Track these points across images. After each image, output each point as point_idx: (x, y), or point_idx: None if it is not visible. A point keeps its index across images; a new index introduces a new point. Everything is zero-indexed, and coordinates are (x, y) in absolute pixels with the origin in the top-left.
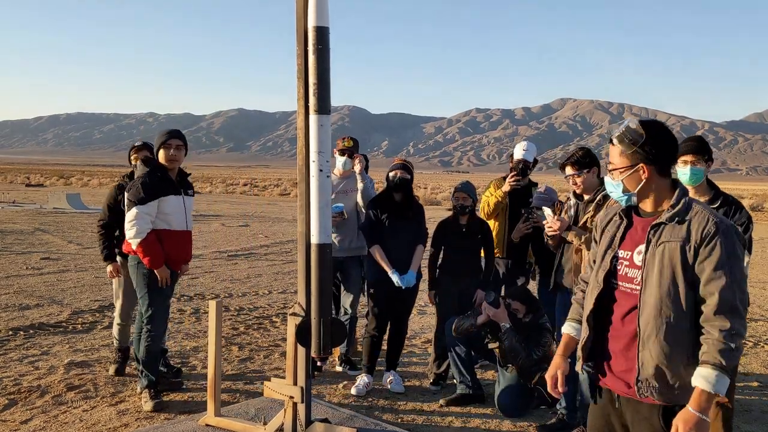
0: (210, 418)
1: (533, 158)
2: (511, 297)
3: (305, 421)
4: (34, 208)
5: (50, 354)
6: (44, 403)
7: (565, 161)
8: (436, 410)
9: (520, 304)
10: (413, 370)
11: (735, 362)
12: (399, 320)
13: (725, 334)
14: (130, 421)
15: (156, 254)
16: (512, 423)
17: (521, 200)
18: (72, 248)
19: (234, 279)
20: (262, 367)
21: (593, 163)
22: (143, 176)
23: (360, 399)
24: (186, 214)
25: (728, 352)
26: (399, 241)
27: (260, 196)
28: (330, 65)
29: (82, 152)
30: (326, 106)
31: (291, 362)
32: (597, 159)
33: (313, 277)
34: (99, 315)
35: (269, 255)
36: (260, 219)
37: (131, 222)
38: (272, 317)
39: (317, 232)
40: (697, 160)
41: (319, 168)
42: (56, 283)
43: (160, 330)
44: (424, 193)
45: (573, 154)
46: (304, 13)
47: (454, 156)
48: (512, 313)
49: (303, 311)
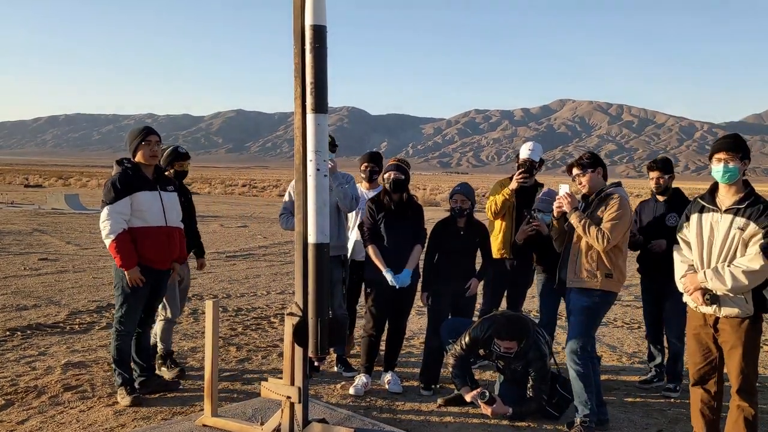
0: (207, 419)
1: (539, 158)
2: (500, 337)
3: (302, 421)
4: (33, 209)
5: (47, 354)
6: (41, 404)
7: (571, 163)
8: (434, 410)
9: (509, 342)
10: (411, 371)
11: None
12: (397, 320)
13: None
14: (127, 422)
15: (127, 255)
16: (510, 422)
17: (528, 200)
18: (70, 249)
19: (232, 280)
20: (260, 367)
21: (597, 164)
22: (115, 176)
23: (358, 399)
24: (165, 210)
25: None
26: (397, 241)
27: (259, 197)
28: (327, 64)
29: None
30: (323, 105)
31: (288, 362)
32: (601, 161)
33: (310, 277)
34: (97, 315)
35: (268, 256)
36: (259, 220)
37: (103, 222)
38: (270, 318)
39: (314, 231)
40: (731, 157)
41: (317, 167)
42: (54, 283)
43: (131, 329)
44: (423, 194)
45: (580, 156)
46: (302, 12)
47: (453, 157)
48: (506, 355)
49: (300, 311)
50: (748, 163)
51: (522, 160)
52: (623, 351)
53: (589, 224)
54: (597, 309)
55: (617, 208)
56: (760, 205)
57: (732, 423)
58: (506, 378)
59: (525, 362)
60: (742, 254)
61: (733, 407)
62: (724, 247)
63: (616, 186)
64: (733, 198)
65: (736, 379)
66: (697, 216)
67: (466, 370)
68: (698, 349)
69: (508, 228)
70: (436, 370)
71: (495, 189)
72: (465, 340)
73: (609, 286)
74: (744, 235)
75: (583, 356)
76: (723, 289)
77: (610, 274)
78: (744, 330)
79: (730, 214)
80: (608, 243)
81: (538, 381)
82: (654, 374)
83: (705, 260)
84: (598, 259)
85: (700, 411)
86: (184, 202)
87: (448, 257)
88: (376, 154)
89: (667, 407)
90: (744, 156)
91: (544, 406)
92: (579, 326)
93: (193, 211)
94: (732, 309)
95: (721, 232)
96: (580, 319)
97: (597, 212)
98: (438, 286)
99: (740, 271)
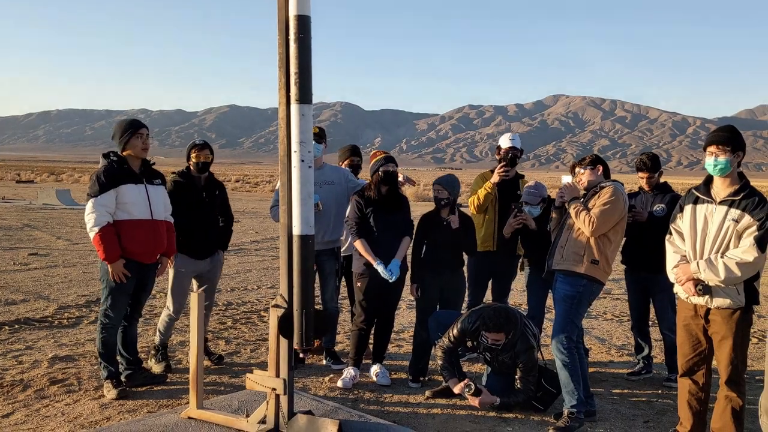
0: (192, 411)
1: (520, 147)
2: (487, 329)
3: (288, 413)
4: (24, 205)
5: (35, 348)
6: (26, 397)
7: (574, 163)
8: (421, 402)
9: (496, 334)
10: (401, 364)
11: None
12: (386, 313)
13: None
14: (113, 414)
15: (110, 248)
16: (498, 413)
17: (509, 192)
18: (60, 244)
19: (223, 275)
20: (248, 360)
21: (597, 163)
22: (100, 169)
23: (346, 392)
24: (150, 203)
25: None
26: (386, 234)
27: (252, 192)
28: (312, 54)
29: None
30: (308, 95)
31: (273, 354)
32: (602, 161)
33: (295, 269)
34: (85, 310)
35: (259, 250)
36: (251, 215)
37: (88, 214)
38: (260, 312)
39: (299, 223)
40: (721, 151)
41: (301, 158)
42: (43, 278)
43: (116, 323)
44: (417, 189)
45: (583, 157)
46: (286, 3)
47: (447, 152)
48: (494, 347)
49: (285, 303)
50: (742, 155)
51: (504, 150)
52: (612, 344)
53: (582, 210)
54: (582, 297)
55: (609, 197)
56: (755, 198)
57: (719, 413)
58: (494, 370)
59: (512, 354)
60: (735, 246)
61: (720, 398)
62: (717, 239)
63: (613, 182)
64: (728, 190)
65: (725, 370)
66: (692, 207)
67: (454, 362)
68: (688, 340)
69: (491, 221)
70: (424, 362)
71: (477, 183)
72: (453, 332)
73: (594, 272)
74: (738, 227)
75: (568, 345)
76: (716, 280)
77: (596, 261)
78: (735, 321)
79: (725, 205)
80: (594, 227)
81: (526, 373)
82: (642, 366)
83: (698, 251)
84: (587, 244)
85: (687, 402)
86: (218, 195)
87: (435, 249)
88: (356, 147)
89: (655, 398)
90: (736, 148)
91: (530, 399)
92: (564, 315)
93: (226, 206)
94: (724, 300)
95: (716, 224)
96: (565, 308)
97: (589, 203)
98: (426, 278)
99: (734, 262)
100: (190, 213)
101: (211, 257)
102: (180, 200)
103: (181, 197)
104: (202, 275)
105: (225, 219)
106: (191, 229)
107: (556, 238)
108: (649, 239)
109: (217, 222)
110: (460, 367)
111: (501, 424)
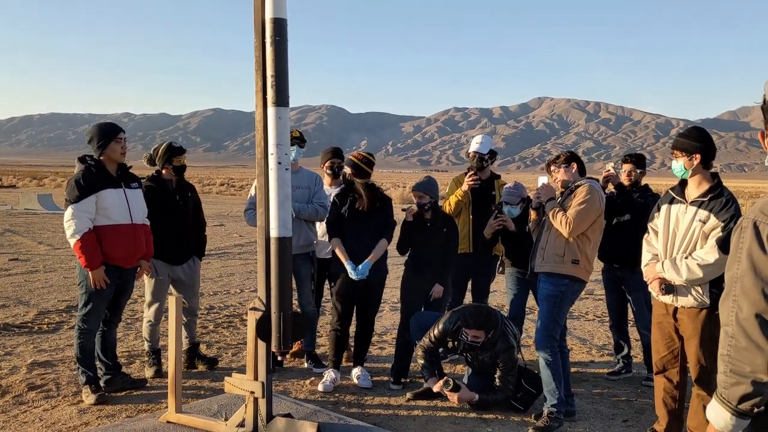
0: (171, 415)
1: (488, 149)
2: (467, 326)
3: (266, 416)
4: (5, 210)
5: (13, 354)
6: (4, 403)
7: (548, 160)
8: (402, 404)
9: (477, 331)
10: (383, 366)
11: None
12: (365, 315)
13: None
14: (91, 420)
15: (91, 256)
16: (478, 414)
17: (483, 194)
18: (42, 249)
19: (206, 278)
20: (229, 365)
21: (572, 160)
22: (78, 174)
23: (327, 395)
24: (130, 207)
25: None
26: (362, 235)
27: (237, 195)
28: (288, 57)
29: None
30: (284, 98)
31: (251, 357)
32: (577, 157)
33: (272, 271)
34: (66, 315)
35: (243, 254)
36: (236, 219)
37: (68, 221)
38: (243, 315)
39: (276, 225)
40: (677, 155)
41: (278, 161)
42: (24, 283)
43: (94, 328)
44: (403, 192)
45: (558, 155)
46: (262, 5)
47: (433, 155)
48: (474, 345)
49: (263, 306)
50: (702, 157)
51: (471, 156)
52: (593, 344)
53: (558, 211)
54: (564, 296)
55: (583, 196)
56: (722, 199)
57: (693, 412)
58: (474, 370)
59: (492, 353)
60: (702, 246)
61: (694, 396)
62: (685, 239)
63: (588, 179)
64: (698, 191)
65: (695, 369)
66: (667, 207)
67: (434, 362)
68: (661, 338)
69: (465, 223)
70: (406, 364)
71: (451, 187)
72: (434, 332)
73: (576, 272)
74: (705, 228)
75: (551, 344)
76: (678, 280)
77: (576, 261)
78: (701, 320)
79: (695, 206)
80: (571, 228)
81: (505, 372)
82: (622, 366)
83: (668, 251)
84: (566, 245)
85: (663, 400)
86: (191, 198)
87: (419, 251)
88: (339, 150)
89: (634, 398)
90: (693, 151)
91: (510, 398)
92: (547, 314)
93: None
94: (687, 299)
95: (684, 224)
96: (548, 307)
97: (566, 203)
98: (411, 279)
99: (695, 263)
100: (164, 216)
101: (187, 263)
102: (154, 204)
103: (155, 201)
104: (180, 282)
105: (196, 224)
106: (166, 233)
107: (537, 240)
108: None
109: (190, 225)
110: (441, 368)
111: (481, 425)
